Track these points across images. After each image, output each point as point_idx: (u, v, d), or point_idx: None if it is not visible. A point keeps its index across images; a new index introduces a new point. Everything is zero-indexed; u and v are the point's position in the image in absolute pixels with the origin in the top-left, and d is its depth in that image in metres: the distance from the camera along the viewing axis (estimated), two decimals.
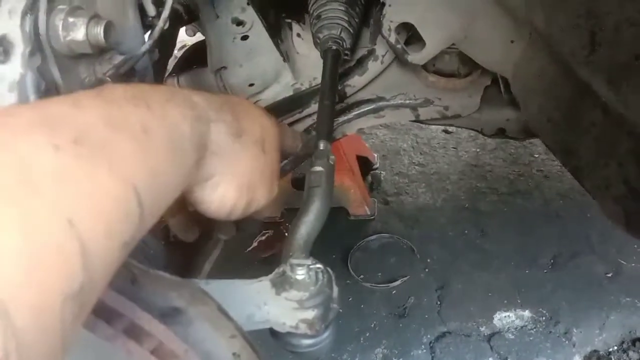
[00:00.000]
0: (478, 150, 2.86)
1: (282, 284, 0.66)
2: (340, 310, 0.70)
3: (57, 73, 0.59)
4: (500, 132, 1.32)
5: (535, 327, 1.90)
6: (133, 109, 0.41)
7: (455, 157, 2.82)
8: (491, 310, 1.95)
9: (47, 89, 0.59)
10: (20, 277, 0.26)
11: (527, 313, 1.94)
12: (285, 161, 1.13)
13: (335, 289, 0.70)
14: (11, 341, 0.24)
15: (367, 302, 2.00)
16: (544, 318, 1.92)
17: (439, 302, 2.00)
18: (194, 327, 0.55)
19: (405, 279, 2.09)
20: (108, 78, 0.63)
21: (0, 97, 0.57)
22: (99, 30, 0.58)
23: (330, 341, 0.71)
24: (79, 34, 0.58)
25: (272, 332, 0.67)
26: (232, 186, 0.57)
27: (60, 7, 0.58)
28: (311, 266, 0.67)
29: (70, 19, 0.58)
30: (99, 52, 0.63)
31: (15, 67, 0.57)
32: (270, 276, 0.68)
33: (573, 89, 0.91)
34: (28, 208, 0.28)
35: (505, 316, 1.93)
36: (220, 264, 1.00)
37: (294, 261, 0.67)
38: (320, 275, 0.67)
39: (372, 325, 1.92)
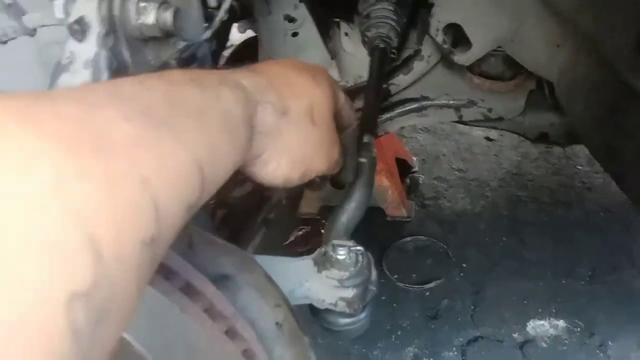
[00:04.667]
0: (520, 158, 2.84)
1: (323, 263, 0.70)
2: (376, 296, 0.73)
3: (127, 54, 0.64)
4: (543, 137, 1.33)
5: (569, 338, 1.87)
6: (190, 90, 0.45)
7: (496, 165, 2.81)
8: (525, 318, 1.94)
9: (118, 68, 0.64)
10: (106, 222, 0.29)
11: (561, 323, 1.92)
12: None
13: (374, 272, 0.73)
14: (100, 272, 0.28)
15: (400, 302, 2.02)
16: (579, 329, 1.90)
17: (472, 307, 2.00)
18: (241, 294, 0.59)
19: (439, 281, 2.09)
20: (172, 61, 0.68)
21: (75, 72, 0.62)
22: (167, 16, 0.63)
23: (366, 322, 0.74)
24: (150, 18, 0.63)
25: (312, 309, 0.70)
26: (282, 161, 0.60)
27: None
28: (352, 248, 0.70)
29: (142, 4, 0.63)
30: (165, 36, 0.68)
31: (90, 46, 0.62)
32: (313, 255, 0.71)
33: (618, 92, 0.91)
34: (108, 166, 0.31)
35: (539, 324, 1.92)
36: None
37: (336, 242, 0.70)
38: (360, 257, 0.70)
39: (404, 325, 1.94)
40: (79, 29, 0.61)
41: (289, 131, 0.60)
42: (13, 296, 0.24)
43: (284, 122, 0.59)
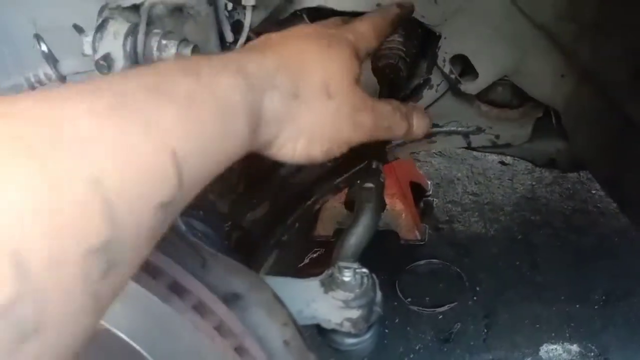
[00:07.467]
0: (534, 183, 2.85)
1: (329, 284, 0.73)
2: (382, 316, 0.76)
3: None
4: (551, 163, 1.35)
5: None
6: (181, 78, 0.42)
7: (510, 189, 2.82)
8: (538, 342, 1.94)
9: None
10: (36, 229, 0.27)
11: (575, 347, 1.92)
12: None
13: (379, 294, 0.76)
14: (24, 285, 0.26)
15: (413, 325, 2.03)
16: (592, 354, 1.89)
17: (485, 330, 2.01)
18: (250, 312, 0.62)
19: (452, 305, 2.10)
20: None
21: None
22: (187, 52, 0.68)
23: (372, 343, 0.77)
24: (170, 54, 0.68)
25: (319, 329, 0.74)
26: (298, 144, 0.58)
27: (156, 31, 0.69)
28: (357, 270, 0.73)
29: (164, 41, 0.68)
30: None
31: None
32: (320, 277, 0.75)
33: (619, 122, 0.94)
34: (51, 163, 0.29)
35: (552, 349, 1.92)
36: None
37: (342, 264, 0.74)
38: (365, 279, 0.73)
39: (417, 348, 1.95)
40: (105, 65, 0.66)
41: (302, 113, 0.56)
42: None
43: (295, 105, 0.56)
